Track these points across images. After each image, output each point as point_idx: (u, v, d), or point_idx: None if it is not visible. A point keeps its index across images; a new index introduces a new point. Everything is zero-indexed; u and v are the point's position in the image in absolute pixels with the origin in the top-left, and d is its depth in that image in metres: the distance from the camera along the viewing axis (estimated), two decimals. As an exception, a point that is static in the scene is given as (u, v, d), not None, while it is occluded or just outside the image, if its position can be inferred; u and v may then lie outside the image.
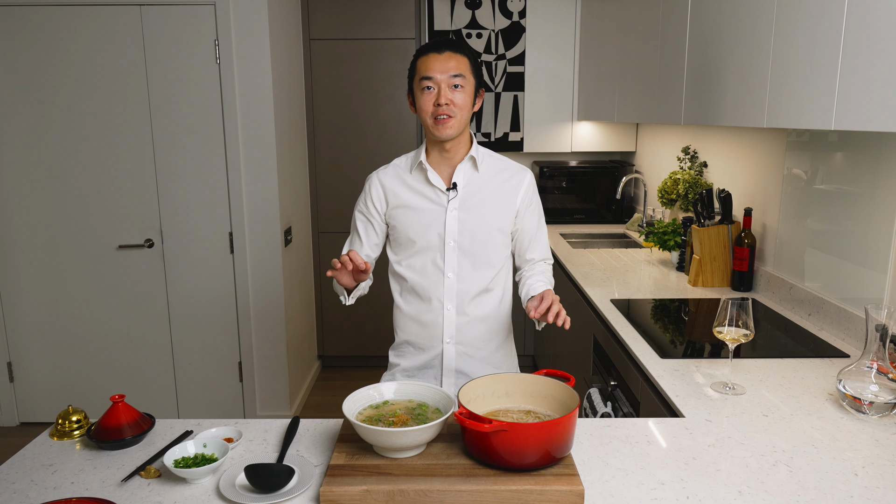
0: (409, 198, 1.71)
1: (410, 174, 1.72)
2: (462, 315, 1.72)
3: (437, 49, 1.63)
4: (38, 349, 3.41)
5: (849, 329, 1.91)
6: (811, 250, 2.14)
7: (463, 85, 1.62)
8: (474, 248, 1.68)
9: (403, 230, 1.71)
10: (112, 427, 1.33)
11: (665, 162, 3.57)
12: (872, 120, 1.34)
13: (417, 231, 1.69)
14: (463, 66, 1.62)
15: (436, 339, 1.74)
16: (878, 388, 1.42)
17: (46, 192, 3.24)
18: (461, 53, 1.63)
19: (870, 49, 1.36)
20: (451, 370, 1.75)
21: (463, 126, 1.65)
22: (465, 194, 1.69)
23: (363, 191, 1.78)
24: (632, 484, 1.18)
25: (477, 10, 4.01)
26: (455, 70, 1.61)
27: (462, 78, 1.61)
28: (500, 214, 1.70)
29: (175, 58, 3.15)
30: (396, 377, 1.81)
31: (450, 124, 1.62)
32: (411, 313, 1.75)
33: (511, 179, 1.72)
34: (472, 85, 1.64)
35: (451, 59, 1.61)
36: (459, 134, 1.65)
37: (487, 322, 1.75)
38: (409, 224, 1.70)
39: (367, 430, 1.17)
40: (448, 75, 1.60)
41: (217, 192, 3.28)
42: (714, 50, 2.12)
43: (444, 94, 1.60)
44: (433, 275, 1.70)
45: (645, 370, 1.75)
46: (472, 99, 1.65)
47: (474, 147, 1.71)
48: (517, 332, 4.10)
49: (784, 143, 2.30)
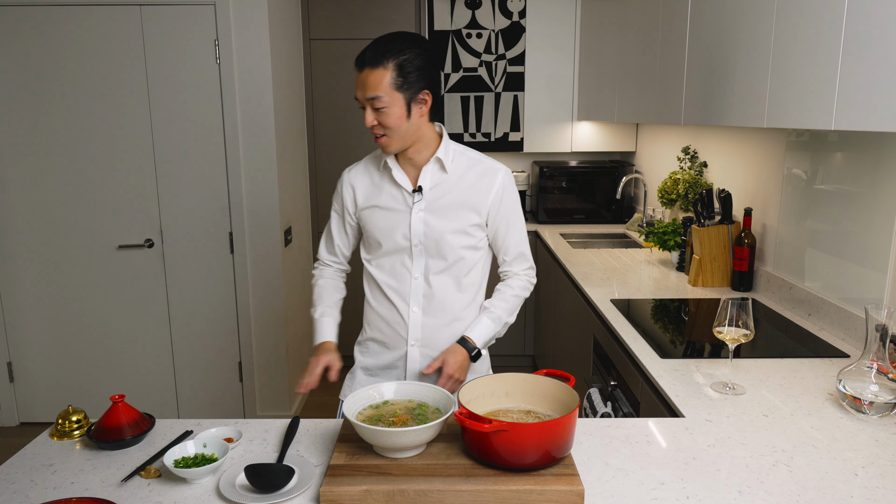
0: (378, 198, 1.65)
1: (379, 173, 1.66)
2: (428, 317, 1.66)
3: (357, 65, 1.51)
4: (38, 349, 3.41)
5: (849, 329, 1.91)
6: (811, 250, 2.14)
7: (383, 106, 1.49)
8: (442, 250, 1.62)
9: (371, 231, 1.67)
10: (112, 427, 1.33)
11: (665, 162, 3.57)
12: (872, 120, 1.34)
13: (384, 232, 1.65)
14: (381, 85, 1.48)
15: (401, 340, 1.69)
16: (878, 388, 1.42)
17: (46, 192, 3.24)
18: (380, 67, 1.48)
19: (870, 49, 1.36)
20: (414, 373, 1.70)
21: (405, 141, 1.56)
22: (432, 196, 1.61)
23: (336, 189, 1.75)
24: (632, 484, 1.18)
25: (477, 10, 4.01)
26: (372, 92, 1.48)
27: (379, 99, 1.49)
28: (469, 216, 1.62)
29: (175, 58, 3.15)
30: (357, 376, 1.77)
31: (385, 143, 1.55)
32: (380, 311, 1.71)
33: (482, 179, 1.63)
34: (398, 101, 1.50)
35: (367, 79, 1.49)
36: (407, 146, 1.58)
37: (455, 326, 1.68)
38: (376, 225, 1.66)
39: (367, 430, 1.17)
40: (365, 98, 1.51)
41: (217, 192, 3.28)
42: (714, 50, 2.12)
43: (367, 117, 1.52)
44: (401, 276, 1.66)
45: (645, 370, 1.75)
46: (405, 111, 1.52)
47: (443, 146, 1.61)
48: (518, 331, 4.10)
49: (784, 143, 2.30)
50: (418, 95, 1.52)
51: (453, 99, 4.10)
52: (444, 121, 4.11)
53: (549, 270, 3.47)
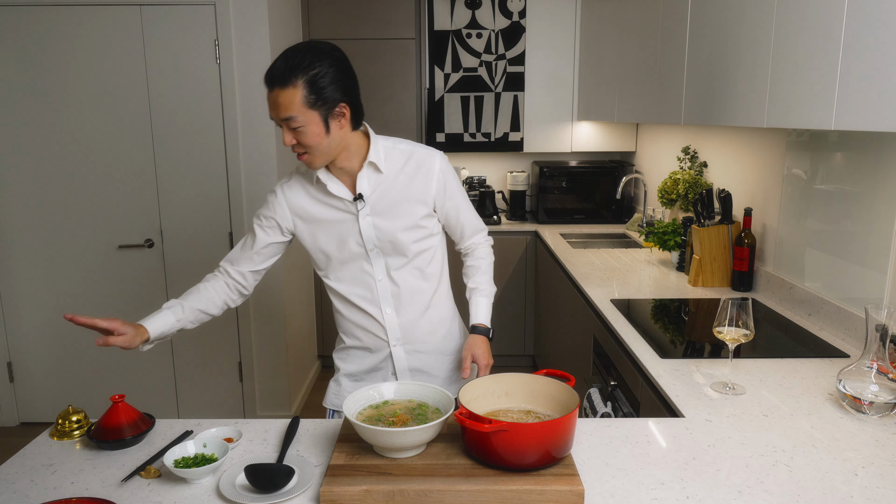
0: (318, 211, 1.62)
1: (314, 186, 1.61)
2: (403, 315, 1.67)
3: (266, 83, 1.44)
4: (38, 349, 3.41)
5: (849, 329, 1.90)
6: (811, 250, 2.14)
7: (299, 125, 1.43)
8: (397, 248, 1.62)
9: (320, 246, 1.64)
10: (112, 427, 1.33)
11: (665, 162, 3.57)
12: (872, 120, 1.34)
13: (335, 245, 1.62)
14: (293, 105, 1.41)
15: (382, 343, 1.69)
16: (878, 388, 1.42)
17: (46, 192, 3.24)
18: (290, 86, 1.41)
19: (870, 49, 1.36)
20: (404, 370, 1.71)
21: (329, 155, 1.51)
22: (375, 199, 1.59)
23: (266, 203, 1.67)
24: (632, 484, 1.18)
25: (477, 10, 4.00)
26: (285, 112, 1.42)
27: (294, 119, 1.43)
28: (417, 209, 1.61)
29: (175, 58, 3.15)
30: (343, 383, 1.76)
31: (309, 160, 1.51)
32: (354, 320, 1.69)
33: (420, 170, 1.60)
34: (314, 119, 1.44)
35: (278, 99, 1.42)
36: (333, 158, 1.54)
37: (429, 315, 1.70)
38: (323, 239, 1.63)
39: (367, 430, 1.17)
40: (279, 118, 1.45)
41: (217, 192, 3.28)
42: (714, 50, 2.12)
43: (285, 137, 1.46)
44: (365, 282, 1.65)
45: (645, 370, 1.75)
46: (323, 128, 1.46)
47: (372, 149, 1.57)
48: (518, 331, 4.10)
49: (784, 143, 2.30)
50: (335, 109, 1.46)
51: (453, 99, 4.10)
52: (444, 121, 4.11)
53: (549, 270, 3.47)
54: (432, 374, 1.74)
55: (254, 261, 1.69)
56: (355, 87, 1.53)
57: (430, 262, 1.68)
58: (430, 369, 1.74)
